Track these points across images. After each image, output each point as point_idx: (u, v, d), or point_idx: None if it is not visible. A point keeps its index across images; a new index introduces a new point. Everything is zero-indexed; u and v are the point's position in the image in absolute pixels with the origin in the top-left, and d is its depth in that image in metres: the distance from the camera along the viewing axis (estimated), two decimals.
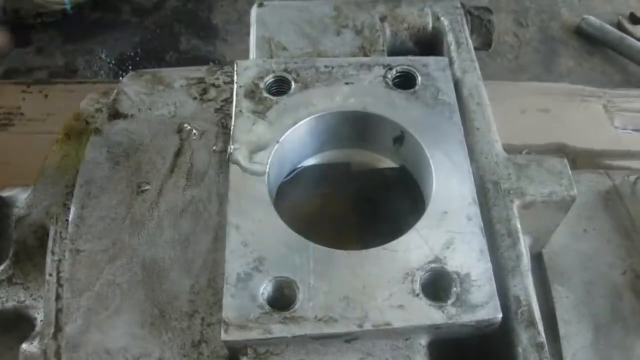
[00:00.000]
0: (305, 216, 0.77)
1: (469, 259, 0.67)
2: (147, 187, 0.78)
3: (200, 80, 0.93)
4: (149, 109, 0.89)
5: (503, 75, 1.99)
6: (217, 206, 0.76)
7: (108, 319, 0.70)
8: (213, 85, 0.93)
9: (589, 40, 2.21)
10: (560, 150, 1.63)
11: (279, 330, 0.63)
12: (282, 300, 0.65)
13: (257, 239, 0.69)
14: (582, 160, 1.54)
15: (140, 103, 0.90)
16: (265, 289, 0.65)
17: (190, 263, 0.72)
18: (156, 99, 0.90)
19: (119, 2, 2.30)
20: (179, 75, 0.94)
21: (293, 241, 0.69)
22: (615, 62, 2.14)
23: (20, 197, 0.89)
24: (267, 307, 0.64)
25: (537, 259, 0.88)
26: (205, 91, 0.92)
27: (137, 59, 2.13)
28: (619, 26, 2.28)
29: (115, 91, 0.92)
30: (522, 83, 1.87)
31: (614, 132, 1.73)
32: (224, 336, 0.63)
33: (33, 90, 1.63)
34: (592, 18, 2.26)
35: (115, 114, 0.88)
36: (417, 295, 0.65)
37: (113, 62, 2.13)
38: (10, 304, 0.81)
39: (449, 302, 0.64)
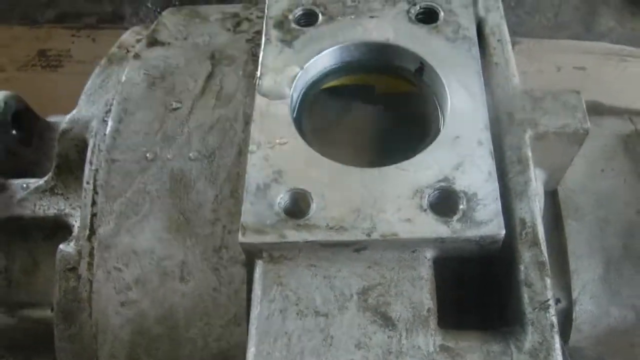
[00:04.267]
0: (325, 136, 0.78)
1: (476, 180, 0.68)
2: (179, 106, 0.82)
3: (235, 15, 0.98)
4: (185, 39, 0.94)
5: (541, 33, 1.96)
6: (242, 125, 0.80)
7: (138, 224, 0.76)
8: (246, 19, 0.97)
9: (632, 1, 2.15)
10: (595, 108, 1.62)
11: (292, 235, 0.65)
12: (297, 209, 0.67)
13: (277, 154, 0.71)
14: None
15: (177, 33, 0.95)
16: (282, 198, 0.67)
17: (215, 175, 0.76)
18: (192, 30, 0.95)
19: None
20: (215, 10, 1.00)
21: (311, 157, 0.71)
22: None
23: None
24: (283, 215, 0.66)
25: (552, 195, 0.89)
26: (238, 24, 0.96)
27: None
28: None
29: (155, 22, 0.98)
30: (560, 41, 1.83)
31: None
32: (241, 239, 0.65)
33: (82, 34, 1.70)
34: None
35: (154, 42, 0.93)
36: (425, 210, 0.67)
37: (158, 9, 2.19)
38: (51, 212, 0.87)
39: (455, 217, 0.66)
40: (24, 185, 0.84)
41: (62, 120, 0.99)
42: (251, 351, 0.64)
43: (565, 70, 1.66)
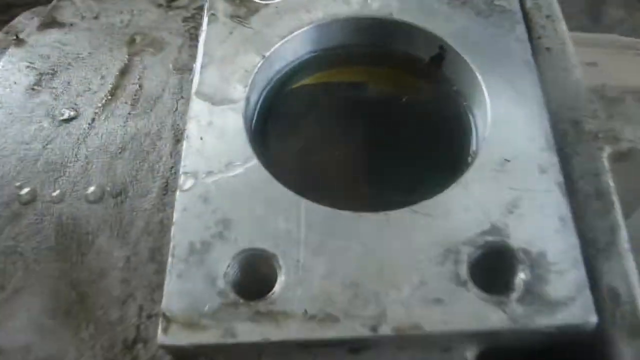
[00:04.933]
0: (297, 159, 0.58)
1: (543, 230, 0.48)
2: (73, 115, 0.56)
3: None
4: (96, 17, 0.71)
5: None
6: (170, 144, 0.59)
7: (4, 304, 0.52)
8: None
9: None
10: None
11: (247, 331, 0.44)
12: (255, 284, 0.46)
13: (224, 191, 0.50)
14: None
15: (85, 10, 0.71)
16: (230, 267, 0.47)
17: (127, 225, 0.55)
18: (108, 5, 0.75)
19: None
20: None
21: (276, 196, 0.50)
22: None
23: None
24: (231, 295, 0.46)
25: None
26: None
27: None
28: None
29: None
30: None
31: None
32: (161, 338, 0.44)
33: None
34: None
35: (50, 22, 0.69)
36: (464, 283, 0.45)
37: None
38: None
39: (514, 296, 0.45)
40: None
41: None
42: None
43: None
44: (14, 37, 0.71)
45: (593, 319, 0.44)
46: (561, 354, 0.49)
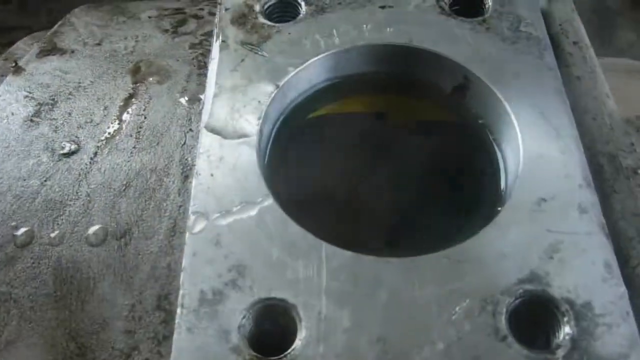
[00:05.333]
0: (316, 197, 0.54)
1: (587, 277, 0.44)
2: (74, 149, 0.52)
3: (178, 11, 0.75)
4: (99, 44, 0.67)
5: None
6: (179, 181, 0.55)
7: None
8: (195, 16, 0.73)
9: None
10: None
11: None
12: (272, 338, 0.43)
13: (237, 234, 0.46)
14: None
15: (88, 36, 0.68)
16: (245, 319, 0.43)
17: (132, 270, 0.51)
18: (111, 32, 0.71)
19: None
20: (150, 6, 0.76)
21: (294, 239, 0.46)
22: None
23: None
24: (246, 352, 0.42)
25: None
26: (182, 23, 0.72)
27: None
28: None
29: (59, 23, 0.71)
30: None
31: None
32: None
33: None
34: None
35: (50, 49, 0.65)
36: (504, 338, 0.41)
37: None
38: None
39: (560, 353, 0.41)
40: None
41: None
42: None
43: None
44: (13, 65, 0.67)
45: None
46: None
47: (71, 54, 0.64)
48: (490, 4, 0.59)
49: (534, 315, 0.43)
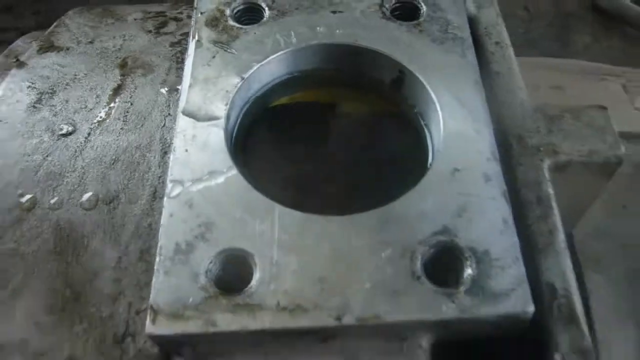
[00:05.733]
0: (273, 171, 0.62)
1: (488, 230, 0.52)
2: (71, 130, 0.61)
3: (160, 14, 0.81)
4: (91, 42, 0.74)
5: None
6: (159, 156, 0.62)
7: (6, 302, 0.55)
8: (174, 19, 0.80)
9: (606, 16, 2.02)
10: None
11: (226, 321, 0.48)
12: (233, 280, 0.50)
13: (206, 198, 0.54)
14: None
15: (81, 35, 0.75)
16: (211, 264, 0.51)
17: (119, 229, 0.58)
18: (102, 32, 0.78)
19: None
20: (135, 9, 0.82)
21: (253, 202, 0.54)
22: (636, 40, 1.95)
23: None
24: (212, 289, 0.49)
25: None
26: (163, 25, 0.79)
27: None
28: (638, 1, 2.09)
29: (55, 23, 0.78)
30: (534, 58, 1.68)
31: (634, 114, 1.57)
32: (149, 328, 0.48)
33: None
34: None
35: (48, 47, 0.73)
36: (418, 278, 0.50)
37: None
38: None
39: (462, 288, 0.49)
40: None
41: None
42: None
43: (542, 90, 1.51)
44: (15, 60, 0.76)
45: (530, 308, 0.48)
46: (508, 346, 0.53)
47: (67, 51, 0.72)
48: (424, 10, 0.67)
49: (445, 261, 0.51)
